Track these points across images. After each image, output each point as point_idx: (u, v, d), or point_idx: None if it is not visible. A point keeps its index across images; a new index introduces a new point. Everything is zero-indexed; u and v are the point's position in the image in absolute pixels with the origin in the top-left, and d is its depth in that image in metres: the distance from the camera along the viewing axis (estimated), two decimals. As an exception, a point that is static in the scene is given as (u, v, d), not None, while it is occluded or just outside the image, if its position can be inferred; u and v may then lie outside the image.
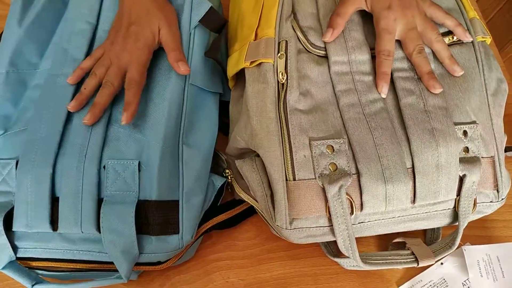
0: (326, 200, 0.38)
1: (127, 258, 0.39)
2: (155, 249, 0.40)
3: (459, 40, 0.44)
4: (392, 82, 0.42)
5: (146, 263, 0.42)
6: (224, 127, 0.50)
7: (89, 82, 0.42)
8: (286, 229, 0.39)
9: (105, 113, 0.42)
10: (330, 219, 0.38)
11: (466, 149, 0.41)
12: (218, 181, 0.46)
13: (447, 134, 0.39)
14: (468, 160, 0.40)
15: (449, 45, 0.44)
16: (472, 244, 0.48)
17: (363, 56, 0.43)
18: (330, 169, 0.38)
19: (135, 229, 0.39)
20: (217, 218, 0.45)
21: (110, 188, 0.40)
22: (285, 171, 0.38)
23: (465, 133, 0.41)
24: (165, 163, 0.41)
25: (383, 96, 0.41)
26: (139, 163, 0.40)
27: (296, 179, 0.38)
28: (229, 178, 0.46)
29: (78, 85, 0.43)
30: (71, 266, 0.41)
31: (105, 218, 0.39)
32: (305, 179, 0.38)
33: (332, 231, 0.39)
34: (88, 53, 0.45)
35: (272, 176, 0.39)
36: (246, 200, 0.44)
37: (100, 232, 0.39)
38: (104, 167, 0.40)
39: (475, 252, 0.46)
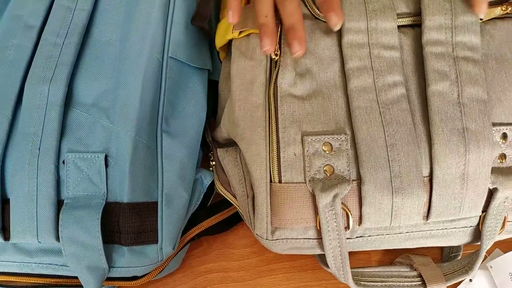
0: (317, 209, 0.34)
1: (94, 274, 0.35)
2: (128, 263, 0.36)
3: None
4: (422, 61, 0.35)
5: (119, 278, 0.38)
6: (214, 111, 0.45)
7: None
8: (266, 239, 0.35)
9: (61, 90, 0.35)
10: (320, 231, 0.34)
11: (503, 156, 0.35)
12: (208, 178, 0.41)
13: (481, 137, 0.33)
14: (503, 171, 0.35)
15: (500, 17, 0.37)
16: (501, 250, 0.42)
17: (387, 24, 0.35)
18: (325, 172, 0.34)
19: (103, 238, 0.34)
20: (206, 222, 0.41)
21: (71, 189, 0.35)
22: (270, 171, 0.34)
23: (504, 136, 0.35)
24: (139, 156, 0.35)
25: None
26: (106, 156, 0.35)
27: (282, 181, 0.34)
28: (211, 168, 0.41)
29: (31, 58, 0.37)
30: (32, 281, 0.38)
31: (65, 226, 0.34)
32: (293, 182, 0.34)
33: (322, 245, 0.35)
34: (46, 18, 0.38)
35: (253, 175, 0.35)
36: (225, 197, 0.39)
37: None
38: (63, 162, 0.35)
39: (505, 264, 0.41)
